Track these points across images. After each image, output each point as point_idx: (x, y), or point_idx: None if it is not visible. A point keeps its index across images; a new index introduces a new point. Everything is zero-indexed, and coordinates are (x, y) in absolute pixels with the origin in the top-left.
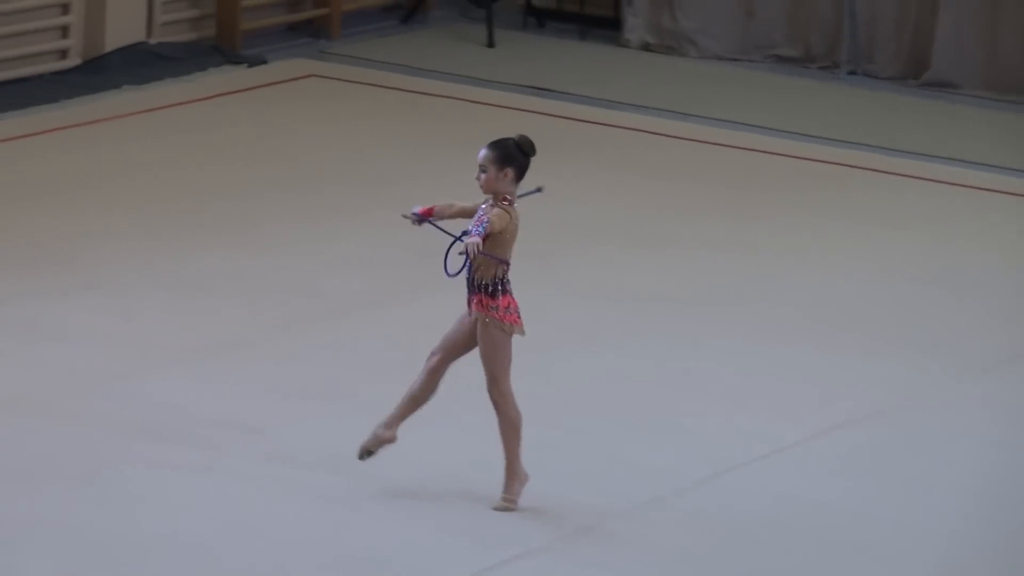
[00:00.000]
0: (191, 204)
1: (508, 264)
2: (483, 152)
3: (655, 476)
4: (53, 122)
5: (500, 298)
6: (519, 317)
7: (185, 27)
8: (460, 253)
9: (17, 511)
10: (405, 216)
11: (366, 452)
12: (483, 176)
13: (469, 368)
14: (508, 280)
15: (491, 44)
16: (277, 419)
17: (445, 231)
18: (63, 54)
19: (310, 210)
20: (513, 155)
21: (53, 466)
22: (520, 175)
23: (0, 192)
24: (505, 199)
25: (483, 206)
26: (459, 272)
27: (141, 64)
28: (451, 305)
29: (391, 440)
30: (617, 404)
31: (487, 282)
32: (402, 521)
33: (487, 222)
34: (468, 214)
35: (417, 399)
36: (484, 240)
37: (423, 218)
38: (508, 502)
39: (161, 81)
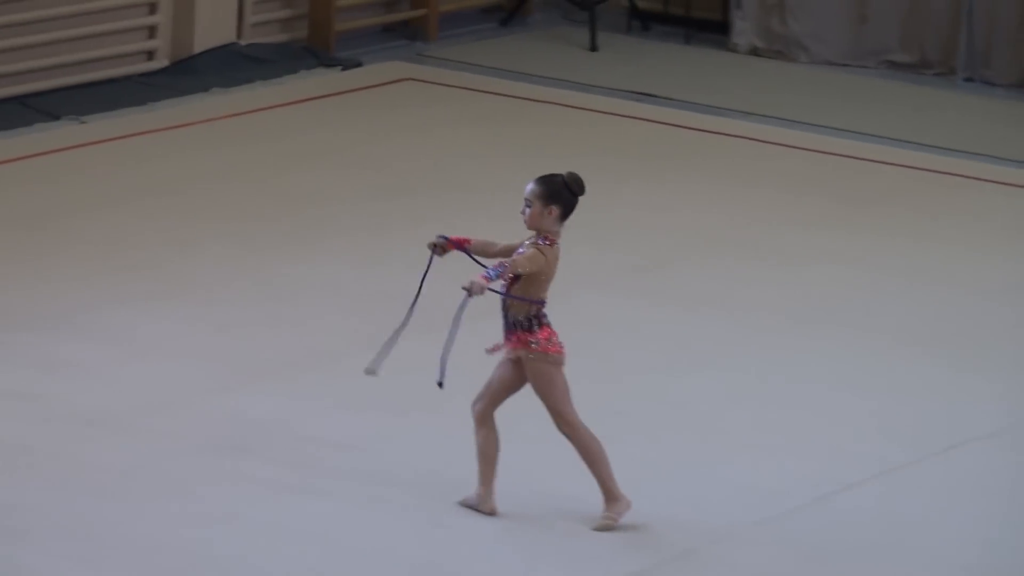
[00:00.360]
0: (282, 212)
1: (543, 303)
2: (530, 186)
3: (760, 497)
4: (140, 125)
5: (539, 331)
6: (562, 347)
7: (276, 28)
8: (463, 288)
9: (103, 529)
10: (431, 244)
11: (467, 507)
12: (528, 211)
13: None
14: (544, 314)
15: (594, 48)
16: (370, 435)
17: (481, 263)
18: (150, 55)
19: (405, 218)
20: (560, 193)
21: (140, 483)
22: (566, 214)
23: (86, 197)
24: (546, 238)
25: (525, 243)
26: (441, 380)
27: (231, 66)
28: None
29: (492, 513)
30: (724, 421)
31: (521, 319)
32: (495, 542)
33: (508, 264)
34: (510, 252)
35: (488, 455)
36: (512, 282)
37: (456, 246)
38: (609, 520)
39: (251, 84)
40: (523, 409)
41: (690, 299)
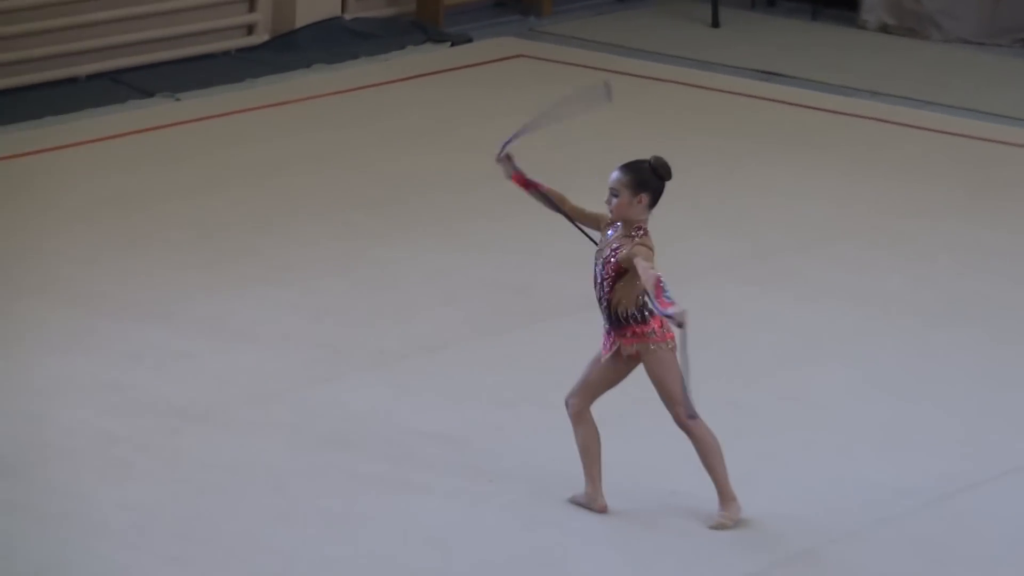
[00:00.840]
0: (385, 195)
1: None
2: (615, 175)
3: (885, 494)
4: (238, 103)
5: (652, 320)
6: (671, 331)
7: (383, 1)
8: (677, 325)
9: (196, 526)
10: (502, 156)
11: (577, 504)
12: (615, 200)
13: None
14: (646, 303)
15: (716, 24)
16: (476, 428)
17: (555, 206)
18: (250, 29)
19: (517, 203)
20: (648, 180)
21: (235, 479)
22: (655, 201)
23: (180, 179)
24: (640, 228)
25: (611, 232)
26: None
27: (334, 41)
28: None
29: (603, 511)
30: (846, 415)
31: (633, 311)
32: (606, 540)
33: (661, 279)
34: (588, 221)
35: (591, 451)
36: (616, 279)
37: (523, 182)
38: (725, 520)
39: (356, 60)
40: (632, 402)
41: (813, 288)
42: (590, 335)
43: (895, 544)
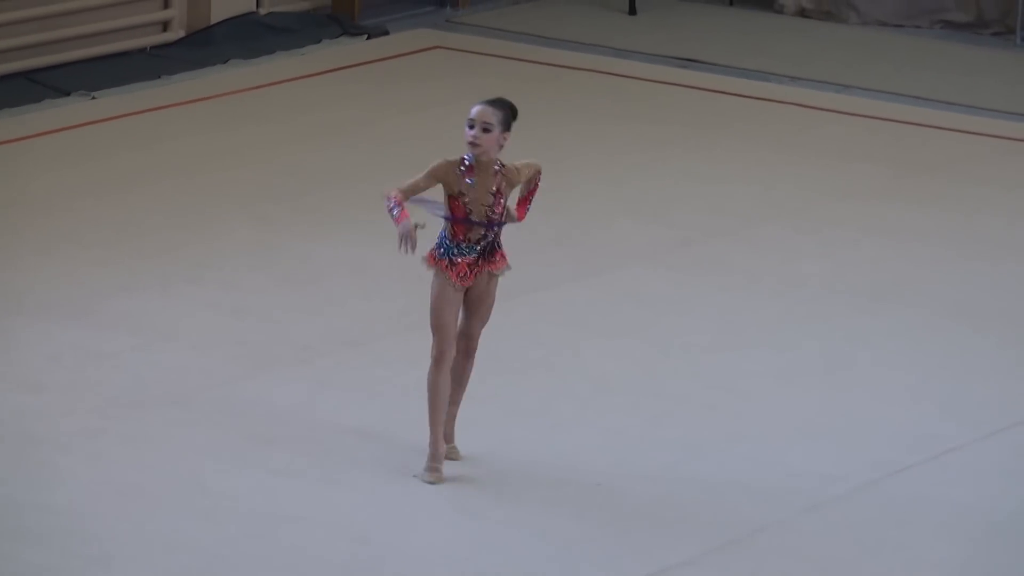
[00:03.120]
0: (304, 189)
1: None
2: (490, 109)
3: (812, 481)
4: (154, 101)
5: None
6: None
7: None
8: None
9: (122, 526)
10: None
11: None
12: (485, 135)
13: (610, 367)
14: None
15: (633, 11)
16: (398, 423)
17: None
18: (165, 26)
19: (435, 196)
20: (510, 121)
21: (156, 478)
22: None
23: (97, 178)
24: (501, 164)
25: (469, 181)
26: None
27: (250, 36)
28: (589, 293)
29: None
30: (773, 402)
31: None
32: (535, 533)
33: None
34: (430, 184)
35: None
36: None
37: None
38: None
39: (272, 55)
40: (556, 395)
41: (738, 274)
42: (512, 326)
43: (823, 531)
